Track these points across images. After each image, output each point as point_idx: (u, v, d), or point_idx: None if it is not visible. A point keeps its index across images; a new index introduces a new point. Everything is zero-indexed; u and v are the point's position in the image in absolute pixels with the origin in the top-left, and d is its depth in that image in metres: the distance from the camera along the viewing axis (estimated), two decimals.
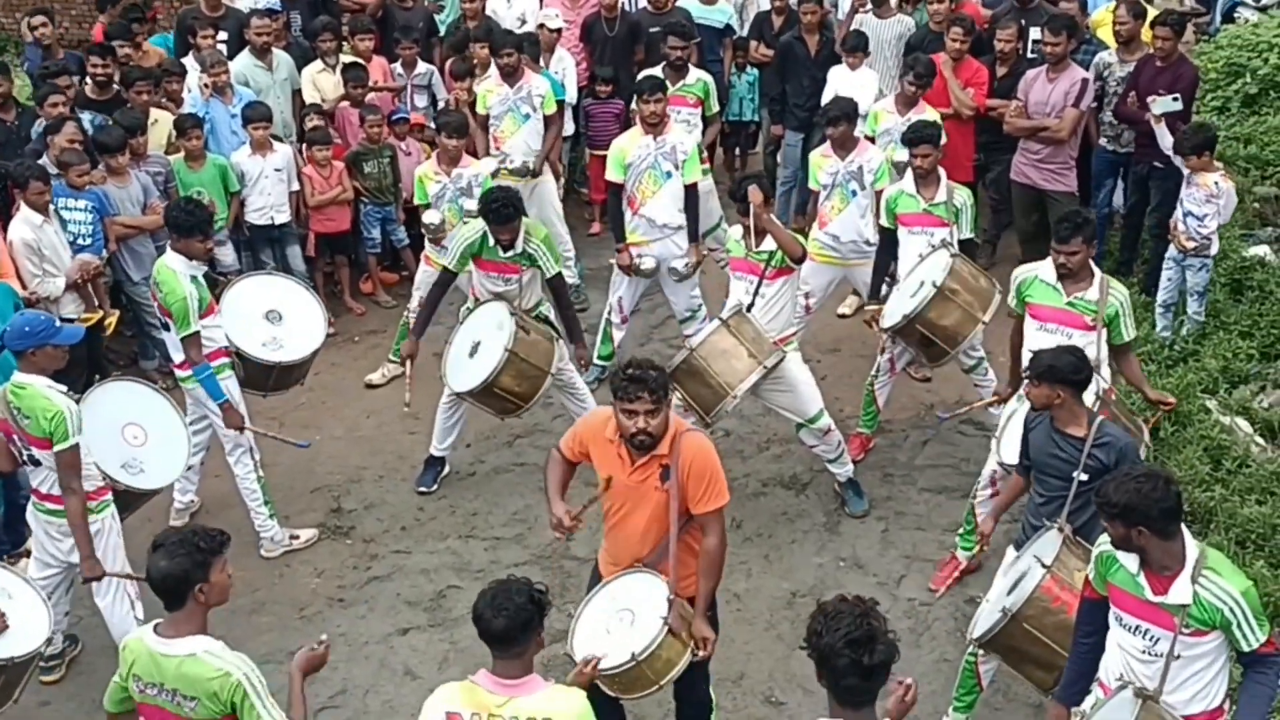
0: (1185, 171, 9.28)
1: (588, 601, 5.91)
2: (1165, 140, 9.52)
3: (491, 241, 8.21)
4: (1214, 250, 9.34)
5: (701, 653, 5.77)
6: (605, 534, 6.01)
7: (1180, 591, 4.88)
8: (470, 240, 8.32)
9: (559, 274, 8.45)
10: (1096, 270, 7.26)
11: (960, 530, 7.76)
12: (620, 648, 5.61)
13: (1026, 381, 6.17)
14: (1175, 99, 9.54)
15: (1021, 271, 7.51)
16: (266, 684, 4.78)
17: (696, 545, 5.78)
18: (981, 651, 6.25)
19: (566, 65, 11.39)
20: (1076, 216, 7.31)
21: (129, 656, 4.86)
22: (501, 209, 8.03)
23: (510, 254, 8.23)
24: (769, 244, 7.79)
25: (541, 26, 11.39)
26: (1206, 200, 9.03)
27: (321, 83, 11.17)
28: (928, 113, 9.69)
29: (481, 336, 8.16)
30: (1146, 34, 10.10)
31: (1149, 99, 9.72)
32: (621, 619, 5.73)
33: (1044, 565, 5.72)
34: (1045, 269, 7.25)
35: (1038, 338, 7.20)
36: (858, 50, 10.73)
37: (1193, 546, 4.95)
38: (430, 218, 9.50)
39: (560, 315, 8.51)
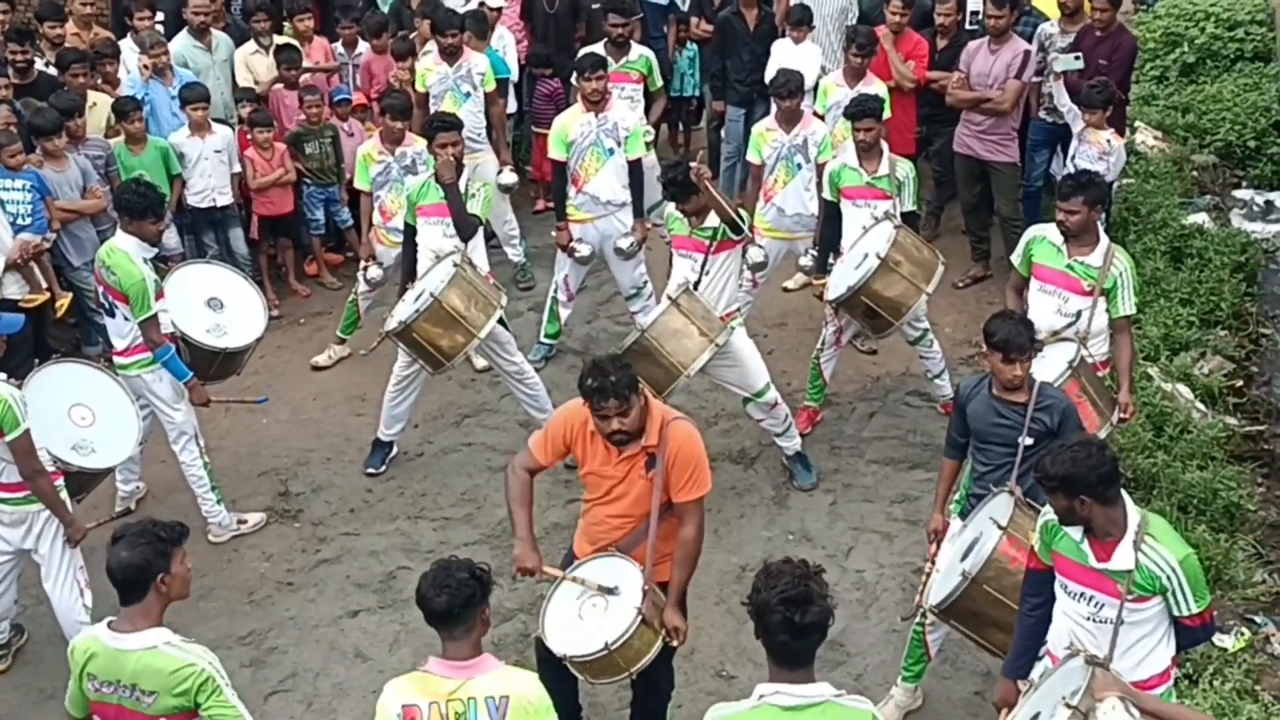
0: (1076, 127, 9.33)
1: (559, 584, 5.89)
2: (1063, 98, 9.62)
3: (432, 183, 8.38)
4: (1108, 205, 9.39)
5: (674, 642, 5.80)
6: (583, 514, 6.01)
7: (1123, 557, 4.92)
8: (414, 188, 8.57)
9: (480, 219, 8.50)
10: (1104, 237, 7.27)
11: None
12: (592, 636, 5.62)
13: (1003, 360, 6.05)
14: (1077, 57, 9.65)
15: (1032, 230, 7.56)
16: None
17: (672, 535, 5.79)
18: (930, 620, 6.30)
19: (507, 43, 11.34)
20: (1082, 176, 7.35)
21: (81, 657, 4.78)
22: (443, 118, 8.63)
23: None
24: (712, 220, 7.80)
25: (483, 4, 11.33)
26: (1099, 158, 9.07)
27: (254, 64, 11.02)
28: (875, 84, 9.74)
29: (427, 285, 8.09)
30: (1087, 6, 10.17)
31: (1051, 57, 9.80)
32: (595, 605, 5.73)
33: (1000, 527, 5.75)
34: (1053, 229, 7.26)
35: (1037, 299, 7.29)
36: (802, 24, 10.74)
37: (1134, 512, 5.00)
38: (373, 274, 9.58)
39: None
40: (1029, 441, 6.01)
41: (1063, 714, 4.64)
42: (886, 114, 9.14)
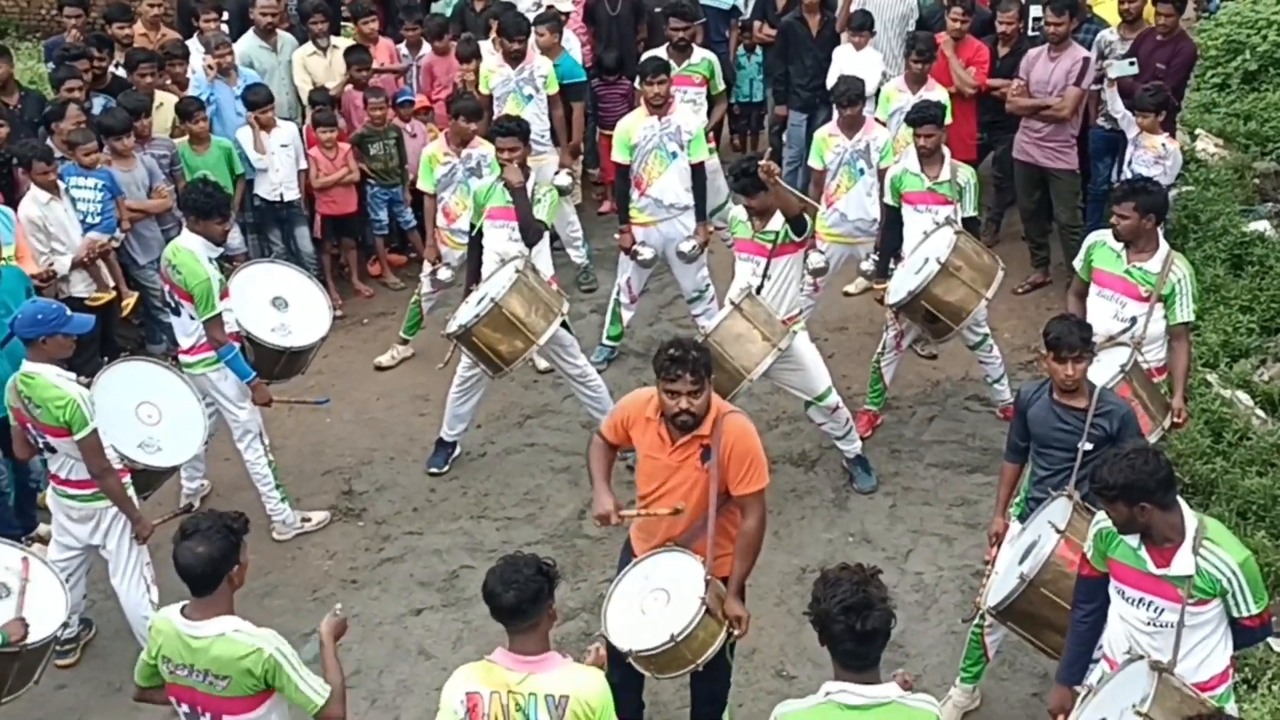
0: (1131, 133, 9.31)
1: (620, 580, 5.95)
2: (1116, 105, 9.62)
3: (499, 186, 8.44)
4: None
5: (736, 632, 5.84)
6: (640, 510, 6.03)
7: (1183, 563, 4.93)
8: (481, 189, 8.64)
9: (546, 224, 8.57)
10: (1164, 244, 7.25)
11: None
12: (657, 629, 5.66)
13: (1054, 359, 6.08)
14: (1132, 63, 9.63)
15: (1093, 235, 7.55)
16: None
17: (731, 527, 5.82)
18: (988, 622, 6.32)
19: (572, 46, 11.39)
20: (1136, 182, 7.34)
21: (157, 637, 4.92)
22: (505, 123, 8.59)
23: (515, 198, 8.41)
24: (775, 224, 7.83)
25: (551, 8, 11.41)
26: (1154, 162, 9.04)
27: (312, 65, 11.09)
28: (937, 90, 9.73)
29: (489, 289, 8.15)
30: (1149, 12, 10.13)
31: (1104, 62, 9.76)
32: (656, 599, 5.76)
33: (1058, 530, 5.77)
34: (1112, 234, 7.26)
35: (1096, 303, 7.29)
36: (863, 29, 10.76)
37: (1191, 517, 5.01)
38: (443, 275, 9.59)
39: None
40: (1088, 446, 6.02)
41: None
42: (948, 120, 9.15)
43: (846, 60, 10.67)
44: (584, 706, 4.59)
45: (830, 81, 10.41)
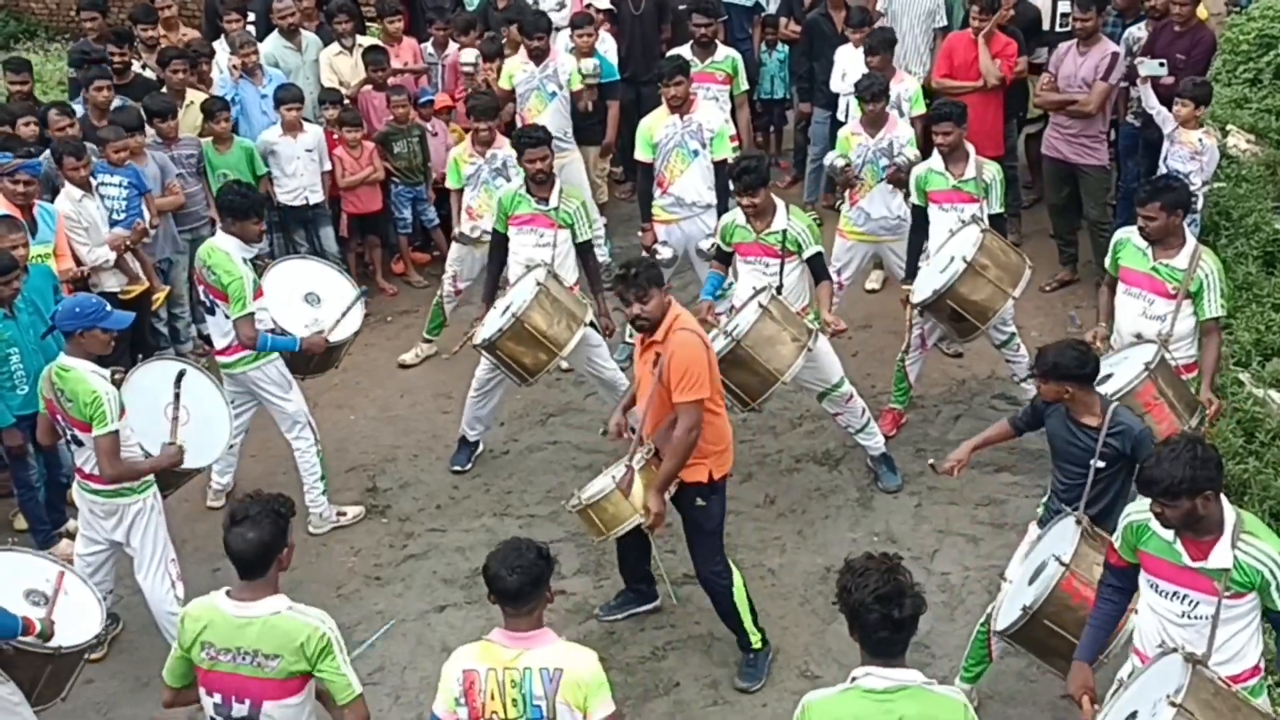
0: (1167, 129, 9.25)
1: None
2: (1150, 101, 9.53)
3: (525, 190, 8.47)
4: (1199, 206, 9.22)
5: (644, 522, 6.53)
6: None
7: (1221, 556, 4.90)
8: (505, 195, 8.62)
9: (589, 240, 8.68)
10: (1190, 239, 7.18)
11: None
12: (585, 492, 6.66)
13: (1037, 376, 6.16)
14: (1162, 64, 9.53)
15: (1120, 232, 7.50)
16: None
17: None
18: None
19: (608, 46, 11.35)
20: (1159, 180, 7.29)
21: (195, 626, 4.91)
22: (531, 133, 8.60)
23: (544, 206, 8.44)
24: (778, 223, 7.85)
25: (589, 6, 11.40)
26: (1190, 158, 8.97)
27: (339, 65, 11.17)
28: (900, 127, 9.47)
29: (514, 298, 8.18)
30: (1203, 12, 10.04)
31: (1136, 61, 9.70)
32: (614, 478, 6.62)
33: (1062, 563, 5.75)
34: (1139, 234, 7.21)
35: (1123, 301, 7.26)
36: (861, 26, 10.71)
37: (1229, 511, 4.98)
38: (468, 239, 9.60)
39: (585, 270, 8.78)
40: (1100, 465, 5.99)
41: (1167, 713, 4.62)
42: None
43: (847, 59, 10.64)
44: (577, 679, 4.71)
45: (833, 81, 10.39)
